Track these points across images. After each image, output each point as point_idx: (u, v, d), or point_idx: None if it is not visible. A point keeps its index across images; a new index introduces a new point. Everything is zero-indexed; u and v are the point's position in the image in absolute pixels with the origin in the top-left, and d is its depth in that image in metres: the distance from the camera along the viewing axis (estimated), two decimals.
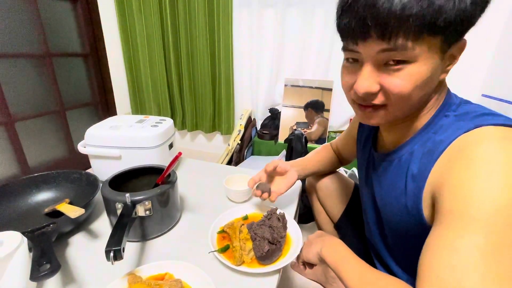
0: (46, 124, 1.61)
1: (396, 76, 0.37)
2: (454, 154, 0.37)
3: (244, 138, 1.74)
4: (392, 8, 0.33)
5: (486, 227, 0.30)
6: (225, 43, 1.72)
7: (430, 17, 0.32)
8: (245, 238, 0.60)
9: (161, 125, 0.91)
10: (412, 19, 0.33)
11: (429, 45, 0.35)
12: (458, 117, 0.41)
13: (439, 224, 0.35)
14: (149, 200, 0.59)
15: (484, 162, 0.33)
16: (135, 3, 1.80)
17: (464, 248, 0.31)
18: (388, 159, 0.50)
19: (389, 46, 0.35)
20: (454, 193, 0.34)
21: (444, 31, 0.34)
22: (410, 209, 0.44)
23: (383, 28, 0.34)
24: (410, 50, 0.35)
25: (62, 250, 0.60)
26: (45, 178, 0.76)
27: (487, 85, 1.38)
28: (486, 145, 0.34)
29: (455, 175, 0.35)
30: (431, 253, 0.34)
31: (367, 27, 0.35)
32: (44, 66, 1.54)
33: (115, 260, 0.44)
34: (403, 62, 0.36)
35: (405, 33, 0.34)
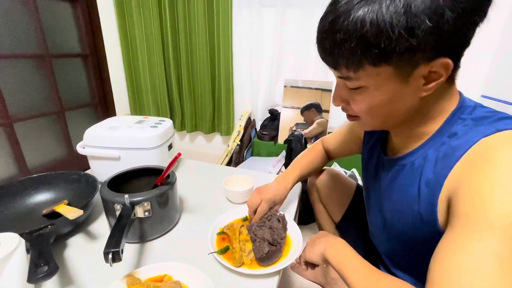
0: (45, 125, 1.60)
1: (355, 96, 0.42)
2: (474, 158, 0.36)
3: (244, 139, 1.74)
4: (328, 48, 0.38)
5: (504, 233, 0.30)
6: (224, 43, 1.72)
7: (359, 53, 0.36)
8: (244, 239, 0.60)
9: (161, 126, 0.91)
10: (342, 54, 0.37)
11: (377, 73, 0.37)
12: (476, 121, 0.40)
13: (454, 228, 0.34)
14: (148, 201, 0.59)
15: (505, 166, 0.32)
16: (134, 3, 1.80)
17: (480, 252, 0.30)
18: (400, 164, 0.49)
19: (340, 75, 0.41)
20: (471, 196, 0.33)
21: (386, 61, 0.35)
22: (424, 215, 0.42)
23: (329, 61, 0.40)
24: (355, 80, 0.39)
25: (60, 251, 0.60)
26: (44, 179, 0.76)
27: (487, 86, 1.39)
28: (507, 149, 0.33)
29: (474, 179, 0.34)
30: (443, 256, 0.33)
31: (323, 58, 0.41)
32: (43, 66, 1.53)
33: (113, 262, 0.44)
34: (357, 88, 0.40)
35: (345, 66, 0.38)
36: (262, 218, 0.64)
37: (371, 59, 0.36)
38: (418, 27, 0.32)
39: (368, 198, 0.63)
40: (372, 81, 0.38)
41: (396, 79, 0.38)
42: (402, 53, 0.34)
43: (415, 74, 0.37)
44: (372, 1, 0.33)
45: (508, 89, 1.23)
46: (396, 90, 0.39)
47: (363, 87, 0.40)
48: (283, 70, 1.73)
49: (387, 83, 0.38)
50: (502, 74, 1.30)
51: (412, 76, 0.37)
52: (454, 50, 0.37)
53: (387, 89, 0.39)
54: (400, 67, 0.36)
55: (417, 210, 0.44)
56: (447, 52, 0.36)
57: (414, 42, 0.33)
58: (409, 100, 0.41)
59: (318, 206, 0.87)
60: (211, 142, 2.17)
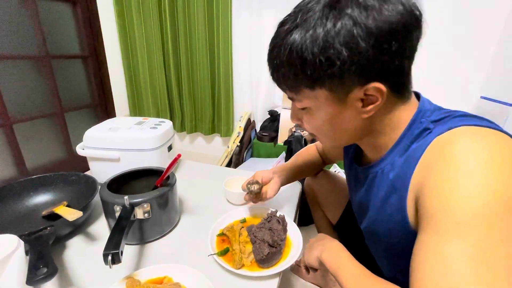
0: (45, 126, 1.60)
1: (303, 116, 0.47)
2: (429, 157, 0.37)
3: (244, 140, 1.74)
4: (271, 71, 0.43)
5: (469, 231, 0.30)
6: (224, 44, 1.73)
7: (294, 78, 0.40)
8: (244, 241, 0.60)
9: (160, 127, 0.90)
10: (282, 79, 0.42)
11: (315, 95, 0.40)
12: (434, 123, 0.41)
13: (424, 230, 0.34)
14: (148, 202, 0.58)
15: (459, 162, 0.33)
16: (134, 5, 1.81)
17: (450, 254, 0.30)
18: (372, 172, 0.50)
19: (288, 96, 0.45)
20: (433, 196, 0.34)
21: (319, 85, 0.39)
22: (396, 219, 0.43)
23: (276, 83, 0.44)
24: (297, 101, 0.43)
25: (60, 253, 0.60)
26: (43, 180, 0.75)
27: (486, 87, 1.39)
28: (459, 143, 0.34)
29: (433, 178, 0.35)
30: (418, 261, 0.33)
31: (272, 79, 0.45)
32: (43, 67, 1.53)
33: (113, 263, 0.44)
34: (303, 108, 0.44)
35: (287, 89, 0.43)
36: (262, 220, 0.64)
37: (305, 83, 0.39)
38: (337, 56, 0.35)
39: (352, 203, 0.64)
40: (312, 103, 0.42)
41: (333, 101, 0.40)
42: (331, 78, 0.37)
43: (350, 98, 0.39)
44: (300, 30, 0.36)
45: (507, 90, 1.23)
46: (335, 112, 0.42)
47: (307, 108, 0.44)
48: None
49: (326, 105, 0.41)
50: (501, 75, 1.30)
51: (348, 99, 0.40)
52: (383, 75, 0.38)
53: (327, 110, 0.42)
54: (334, 91, 0.39)
55: (389, 214, 0.45)
56: (376, 77, 0.37)
57: (336, 70, 0.36)
58: (353, 121, 0.43)
59: (315, 208, 0.87)
60: (211, 143, 2.17)
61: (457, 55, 1.39)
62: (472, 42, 1.37)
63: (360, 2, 0.34)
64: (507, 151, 0.33)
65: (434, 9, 1.33)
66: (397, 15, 0.34)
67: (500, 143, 0.34)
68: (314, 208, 0.89)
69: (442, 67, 1.41)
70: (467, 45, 1.37)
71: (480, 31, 1.34)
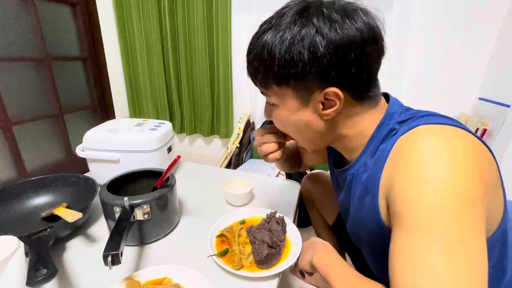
0: (44, 127, 1.60)
1: (273, 112, 0.49)
2: (395, 155, 0.39)
3: (243, 141, 1.74)
4: (247, 65, 0.46)
5: (434, 226, 0.31)
6: (224, 46, 1.73)
7: (263, 75, 0.43)
8: (244, 242, 0.60)
9: (160, 128, 0.91)
10: (254, 75, 0.45)
11: (282, 94, 0.44)
12: (400, 124, 0.43)
13: (395, 229, 0.36)
14: (148, 203, 0.59)
15: (418, 159, 0.35)
16: (134, 7, 1.81)
17: (417, 251, 0.31)
18: (349, 174, 0.52)
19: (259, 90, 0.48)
20: (399, 195, 0.35)
21: (284, 84, 0.42)
22: (371, 219, 0.44)
23: (251, 78, 0.47)
24: (267, 96, 0.47)
25: (60, 254, 0.60)
26: (43, 182, 0.75)
27: (484, 88, 1.40)
28: (419, 141, 0.36)
29: (398, 176, 0.37)
30: (392, 259, 0.35)
31: None
32: (42, 69, 1.54)
33: (113, 264, 0.44)
34: (273, 104, 0.47)
35: (259, 83, 0.46)
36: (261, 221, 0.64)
37: (273, 80, 0.43)
38: (299, 58, 0.38)
39: (340, 209, 0.65)
40: (279, 99, 0.45)
41: (297, 101, 0.44)
42: (295, 78, 0.41)
43: (313, 99, 0.43)
44: (273, 31, 0.40)
45: (505, 91, 1.24)
46: (298, 110, 0.44)
47: (275, 104, 0.47)
48: None
49: (291, 103, 0.44)
50: (499, 77, 1.31)
51: (310, 100, 0.43)
52: (341, 82, 0.40)
53: (291, 108, 0.45)
54: (298, 90, 0.42)
55: (366, 215, 0.46)
56: (335, 83, 0.40)
57: (299, 70, 0.39)
58: (315, 123, 0.45)
59: (312, 209, 0.88)
60: (210, 144, 2.17)
61: (455, 57, 1.40)
62: (470, 44, 1.37)
63: (325, 15, 0.38)
64: (462, 147, 0.34)
65: (432, 11, 1.34)
66: (356, 32, 0.38)
67: (456, 139, 0.35)
68: (311, 209, 0.89)
69: (441, 69, 1.42)
70: (465, 46, 1.38)
71: (478, 32, 1.35)
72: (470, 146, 0.35)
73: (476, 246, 0.31)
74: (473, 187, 0.32)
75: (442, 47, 1.38)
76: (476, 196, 0.32)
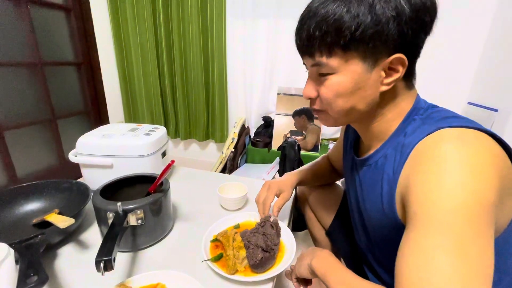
0: (37, 133, 1.58)
1: (324, 85, 0.45)
2: (417, 156, 0.40)
3: (238, 146, 1.75)
4: (305, 33, 0.43)
5: (448, 226, 0.32)
6: (218, 52, 1.75)
7: (331, 38, 0.40)
8: (238, 246, 0.60)
9: (154, 133, 0.91)
10: (317, 40, 0.41)
11: (346, 59, 0.42)
12: (423, 121, 0.44)
13: (408, 227, 0.37)
14: (141, 209, 0.58)
15: (439, 163, 0.35)
16: (129, 12, 1.82)
17: (429, 249, 0.32)
18: (367, 163, 0.52)
19: (314, 62, 0.44)
20: (416, 195, 0.36)
21: (354, 47, 0.40)
22: (387, 211, 0.45)
23: (305, 48, 0.44)
24: (326, 65, 0.43)
25: (51, 261, 0.59)
26: (34, 187, 0.74)
27: (473, 93, 1.43)
28: (441, 146, 0.37)
29: (417, 177, 0.37)
30: (401, 256, 0.35)
31: (300, 47, 0.46)
32: (35, 74, 1.52)
33: (105, 270, 0.43)
34: (327, 74, 0.44)
35: (319, 51, 0.42)
36: (256, 225, 0.64)
37: (342, 44, 0.40)
38: (383, 14, 0.38)
39: (349, 200, 0.65)
40: (341, 67, 0.43)
41: (361, 67, 0.42)
42: (367, 41, 0.39)
43: (377, 66, 0.42)
44: None
45: (493, 96, 1.27)
46: (360, 79, 0.43)
47: (333, 74, 0.44)
48: (276, 78, 1.76)
49: (354, 71, 0.42)
50: (486, 82, 1.35)
51: (374, 67, 0.42)
52: (409, 48, 0.41)
53: (353, 76, 0.43)
54: (365, 56, 0.41)
55: (381, 207, 0.47)
56: (403, 48, 0.41)
57: (379, 28, 0.38)
58: (371, 93, 0.44)
59: (308, 213, 0.88)
60: (205, 149, 2.17)
61: (444, 63, 1.44)
62: (458, 50, 1.41)
63: None
64: (484, 152, 0.35)
65: None
66: None
67: (478, 144, 0.36)
68: (307, 214, 0.89)
69: (430, 74, 1.45)
70: (454, 53, 1.42)
71: (466, 39, 1.39)
72: (492, 151, 0.36)
73: (486, 250, 0.32)
74: (490, 193, 0.33)
75: (431, 54, 1.42)
76: (492, 202, 0.33)
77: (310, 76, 0.48)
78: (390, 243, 0.49)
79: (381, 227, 0.49)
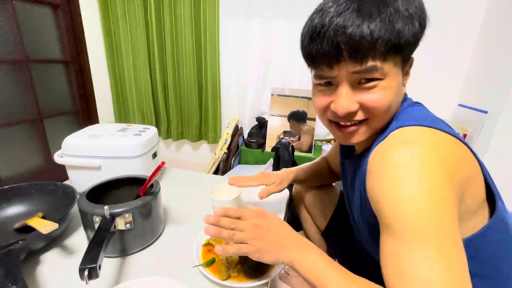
0: (22, 133, 1.53)
1: (373, 92, 0.41)
2: (373, 162, 0.41)
3: (231, 147, 1.73)
4: (361, 33, 0.37)
5: (426, 235, 0.32)
6: (211, 52, 1.73)
7: (393, 39, 0.38)
8: None
9: (145, 133, 0.88)
10: (379, 42, 0.37)
11: (394, 62, 0.41)
12: (396, 121, 0.45)
13: (385, 238, 0.36)
14: (130, 212, 0.56)
15: (395, 174, 0.36)
16: (120, 10, 1.78)
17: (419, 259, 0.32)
18: (357, 164, 0.52)
19: (362, 68, 0.39)
20: (385, 206, 0.36)
21: (404, 50, 0.40)
22: (368, 210, 0.45)
23: (355, 52, 0.38)
24: (380, 70, 0.39)
25: (33, 268, 0.56)
26: (16, 190, 0.71)
27: (463, 95, 1.46)
28: (390, 154, 0.38)
29: (380, 189, 0.37)
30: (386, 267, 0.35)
31: (341, 50, 0.39)
32: (21, 72, 1.47)
33: (90, 279, 0.41)
34: (374, 80, 0.40)
35: (374, 55, 0.38)
36: None
37: (398, 47, 0.39)
38: (424, 21, 0.40)
39: (345, 200, 0.66)
40: (391, 71, 0.40)
41: (399, 71, 0.42)
42: (411, 45, 0.40)
43: (405, 69, 0.43)
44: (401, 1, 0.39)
45: (483, 98, 1.29)
46: (400, 80, 0.43)
47: (382, 80, 0.40)
48: (270, 78, 1.75)
49: (398, 72, 0.42)
50: (476, 84, 1.37)
51: (404, 69, 0.43)
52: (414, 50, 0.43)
53: (398, 81, 0.42)
54: (403, 60, 0.41)
55: (364, 209, 0.47)
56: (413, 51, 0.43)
57: (421, 35, 0.40)
58: (400, 97, 0.45)
59: (304, 214, 0.87)
60: (197, 150, 2.14)
61: (435, 65, 1.46)
62: (449, 53, 1.43)
63: None
64: (428, 154, 0.36)
65: None
66: None
67: (421, 145, 0.37)
68: (302, 214, 0.89)
69: (421, 75, 1.46)
70: (445, 55, 1.44)
71: (456, 41, 1.41)
72: (438, 152, 0.36)
73: (460, 246, 0.33)
74: (444, 193, 0.34)
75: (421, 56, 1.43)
76: (450, 200, 0.34)
77: (344, 87, 0.42)
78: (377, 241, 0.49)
79: (367, 228, 0.49)
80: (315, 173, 0.81)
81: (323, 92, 0.45)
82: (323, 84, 0.44)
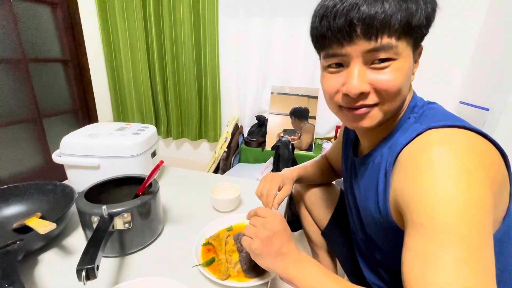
0: (21, 132, 1.52)
1: (385, 73, 0.40)
2: (407, 161, 0.39)
3: (231, 145, 1.72)
4: (376, 10, 0.36)
5: (458, 236, 0.31)
6: (211, 50, 1.72)
7: (407, 18, 0.37)
8: (231, 250, 0.57)
9: (143, 132, 0.87)
10: (393, 19, 0.36)
11: (407, 43, 0.40)
12: (417, 119, 0.43)
13: (413, 238, 0.35)
14: (129, 212, 0.55)
15: (431, 172, 0.35)
16: (118, 8, 1.77)
17: (449, 260, 0.31)
18: (365, 162, 0.52)
19: (376, 46, 0.38)
20: (418, 206, 0.35)
21: (417, 31, 0.39)
22: (382, 210, 0.44)
23: (369, 28, 0.37)
24: (394, 48, 0.38)
25: (31, 269, 0.55)
26: (15, 190, 0.70)
27: (465, 92, 1.45)
28: (427, 153, 0.36)
29: (412, 187, 0.36)
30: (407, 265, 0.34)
31: (354, 27, 0.37)
32: (19, 71, 1.46)
33: (87, 279, 0.40)
34: (388, 60, 0.39)
35: (390, 32, 0.37)
36: None
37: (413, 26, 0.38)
38: (435, 2, 0.40)
39: (347, 200, 0.65)
40: (404, 52, 0.39)
41: (411, 55, 0.41)
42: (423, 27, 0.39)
43: (414, 53, 0.42)
44: None
45: (484, 96, 1.28)
46: (412, 64, 0.42)
47: (395, 60, 0.39)
48: (270, 77, 1.74)
49: (410, 55, 0.41)
50: (478, 82, 1.36)
51: (414, 55, 0.42)
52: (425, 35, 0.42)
53: (410, 63, 0.41)
54: (416, 43, 0.41)
55: (377, 207, 0.46)
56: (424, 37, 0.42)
57: (433, 17, 0.40)
58: (410, 83, 0.44)
59: (304, 213, 0.86)
60: (197, 149, 2.13)
61: (436, 61, 1.45)
62: (450, 50, 1.42)
63: None
64: (469, 153, 0.35)
65: None
66: None
67: (467, 148, 0.35)
68: (302, 214, 0.88)
69: (422, 73, 1.45)
70: (446, 52, 1.43)
71: (458, 39, 1.40)
72: (479, 152, 0.35)
73: (491, 251, 0.32)
74: (485, 196, 0.33)
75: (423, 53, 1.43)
76: (489, 203, 0.33)
77: (356, 66, 0.40)
78: (388, 243, 0.49)
79: (378, 227, 0.48)
80: (316, 172, 0.81)
81: (332, 74, 0.44)
82: (333, 66, 0.43)
